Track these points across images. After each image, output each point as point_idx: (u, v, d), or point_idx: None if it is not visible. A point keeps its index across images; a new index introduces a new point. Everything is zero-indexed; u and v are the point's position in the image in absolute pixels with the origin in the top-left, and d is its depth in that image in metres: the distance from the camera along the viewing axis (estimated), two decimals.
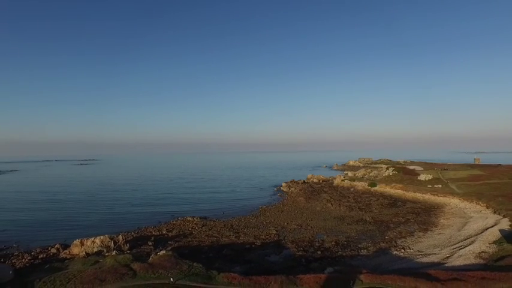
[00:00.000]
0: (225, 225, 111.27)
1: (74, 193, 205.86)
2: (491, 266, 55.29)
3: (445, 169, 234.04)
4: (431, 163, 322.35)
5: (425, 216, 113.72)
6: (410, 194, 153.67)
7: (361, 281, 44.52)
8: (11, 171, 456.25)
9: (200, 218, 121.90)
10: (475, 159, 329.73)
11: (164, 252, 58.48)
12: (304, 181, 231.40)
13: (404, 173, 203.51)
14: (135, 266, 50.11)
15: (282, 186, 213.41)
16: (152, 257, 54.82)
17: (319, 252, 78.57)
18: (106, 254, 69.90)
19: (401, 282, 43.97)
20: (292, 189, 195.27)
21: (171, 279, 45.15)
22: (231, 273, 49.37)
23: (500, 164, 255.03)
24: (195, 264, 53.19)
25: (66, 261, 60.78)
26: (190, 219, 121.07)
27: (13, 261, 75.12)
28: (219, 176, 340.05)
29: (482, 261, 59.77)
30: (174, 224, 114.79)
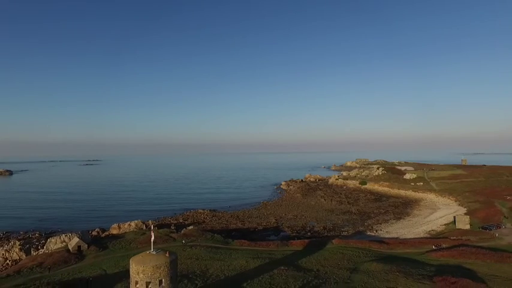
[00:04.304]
0: (231, 215, 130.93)
1: (88, 192, 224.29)
2: (432, 237, 74.97)
3: (432, 169, 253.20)
4: (423, 164, 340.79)
5: (402, 208, 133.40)
6: (394, 191, 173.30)
7: (333, 243, 64.25)
8: (22, 171, 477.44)
9: (210, 211, 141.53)
10: (462, 160, 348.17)
11: (192, 227, 78.40)
12: (302, 180, 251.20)
13: (392, 172, 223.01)
14: (173, 235, 70.19)
15: (281, 184, 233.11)
16: (184, 230, 74.94)
17: (309, 234, 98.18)
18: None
19: (360, 244, 63.83)
20: (290, 187, 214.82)
21: (183, 241, 65.64)
22: (242, 240, 69.30)
23: (484, 165, 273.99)
24: (215, 235, 73.21)
25: (121, 234, 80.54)
26: (202, 211, 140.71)
27: None
28: (222, 176, 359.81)
29: (428, 235, 79.48)
30: (188, 215, 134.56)
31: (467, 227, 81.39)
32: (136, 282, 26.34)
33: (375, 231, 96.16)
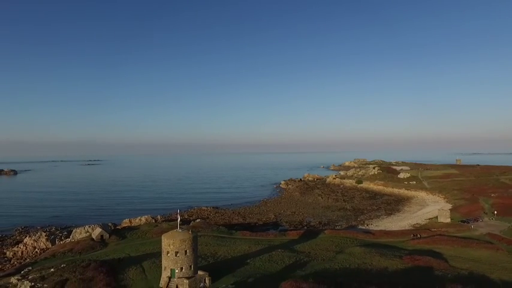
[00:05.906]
0: (233, 212, 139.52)
1: (93, 191, 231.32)
2: (415, 229, 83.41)
3: (427, 169, 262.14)
4: (419, 164, 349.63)
5: (394, 205, 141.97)
6: (388, 189, 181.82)
7: (325, 233, 72.70)
8: (26, 171, 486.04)
9: (213, 208, 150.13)
10: (456, 160, 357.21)
11: (199, 220, 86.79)
12: (300, 179, 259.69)
13: (387, 171, 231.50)
14: (183, 227, 78.38)
15: (281, 183, 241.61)
16: (192, 223, 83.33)
17: (305, 228, 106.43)
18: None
19: (349, 234, 72.30)
20: (289, 186, 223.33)
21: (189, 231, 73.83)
22: (244, 231, 77.78)
23: (478, 165, 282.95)
24: (220, 227, 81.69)
25: (135, 226, 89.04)
26: (205, 208, 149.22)
27: None
28: (223, 175, 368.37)
29: (412, 228, 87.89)
30: (192, 212, 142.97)
31: (448, 220, 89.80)
32: (168, 252, 34.76)
33: (365, 225, 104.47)
